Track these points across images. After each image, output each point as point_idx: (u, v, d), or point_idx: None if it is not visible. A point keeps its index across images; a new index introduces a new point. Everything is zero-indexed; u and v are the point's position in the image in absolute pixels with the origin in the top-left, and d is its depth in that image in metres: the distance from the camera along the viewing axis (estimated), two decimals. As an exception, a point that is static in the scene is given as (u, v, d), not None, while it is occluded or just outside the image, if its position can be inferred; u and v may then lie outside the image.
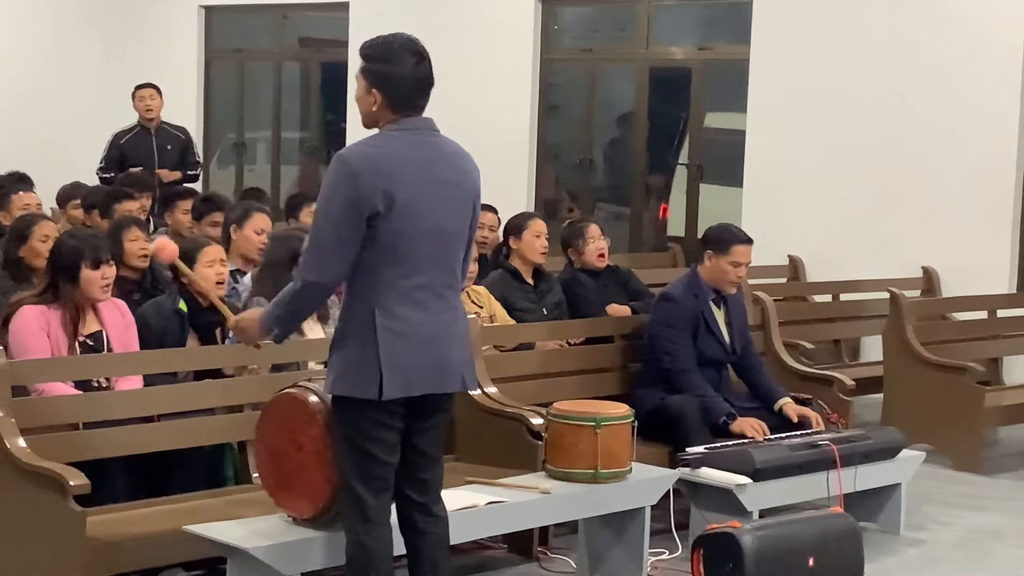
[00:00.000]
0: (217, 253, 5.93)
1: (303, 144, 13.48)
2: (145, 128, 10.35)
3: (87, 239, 5.64)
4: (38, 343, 5.31)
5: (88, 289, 5.47)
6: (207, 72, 13.40)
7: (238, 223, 6.95)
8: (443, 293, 4.17)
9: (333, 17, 12.59)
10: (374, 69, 4.17)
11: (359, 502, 4.13)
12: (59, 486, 4.54)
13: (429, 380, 4.13)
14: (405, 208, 4.03)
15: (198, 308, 5.81)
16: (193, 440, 5.34)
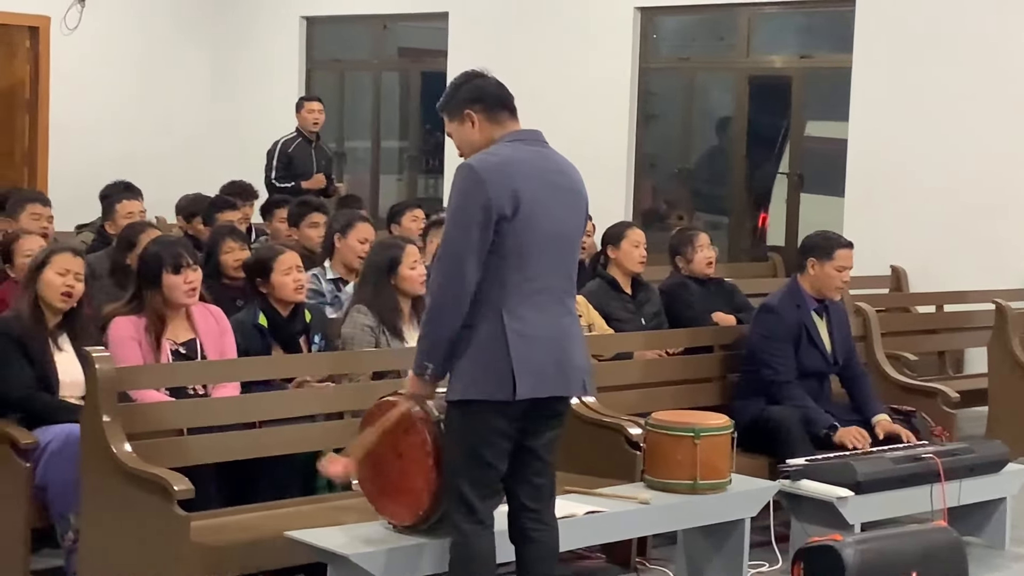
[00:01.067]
0: (293, 260, 5.89)
1: (402, 154, 13.56)
2: (307, 139, 10.62)
3: (168, 245, 5.69)
4: (130, 353, 5.37)
5: (172, 295, 5.51)
6: (308, 82, 13.53)
7: (342, 232, 7.00)
8: (562, 298, 4.24)
9: (433, 27, 12.65)
10: (456, 97, 4.29)
11: (467, 505, 4.16)
12: (164, 491, 4.60)
13: (555, 382, 4.18)
14: (528, 212, 4.10)
15: (279, 320, 5.83)
16: (295, 447, 5.38)
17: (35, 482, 5.22)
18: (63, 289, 5.48)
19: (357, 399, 5.45)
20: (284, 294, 5.79)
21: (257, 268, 5.86)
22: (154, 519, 4.65)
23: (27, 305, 5.47)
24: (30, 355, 5.39)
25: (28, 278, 5.55)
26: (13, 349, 5.37)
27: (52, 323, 5.52)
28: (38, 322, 5.47)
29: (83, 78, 12.91)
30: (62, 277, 5.49)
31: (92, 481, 4.90)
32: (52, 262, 5.51)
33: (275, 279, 5.80)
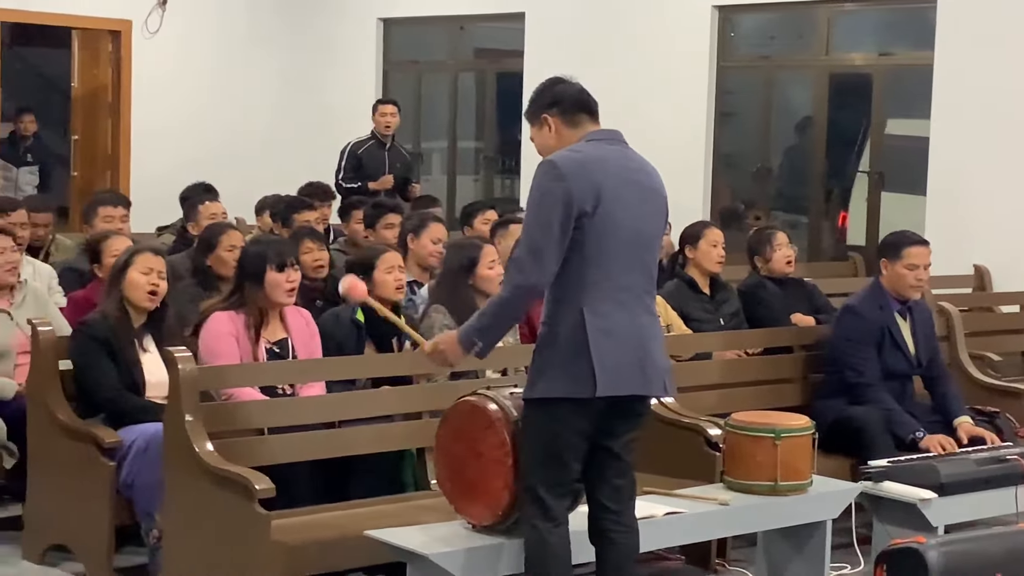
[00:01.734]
0: (395, 260, 5.96)
1: (478, 154, 13.58)
2: (381, 141, 10.71)
3: (272, 244, 5.77)
4: (228, 348, 5.44)
5: (273, 292, 5.57)
6: (384, 83, 13.58)
7: (415, 232, 7.02)
8: (642, 297, 4.24)
9: (509, 27, 12.65)
10: (535, 103, 4.36)
11: (542, 504, 4.17)
12: (245, 490, 4.65)
13: (635, 380, 4.17)
14: (609, 209, 4.11)
15: (375, 318, 5.87)
16: (374, 446, 5.41)
17: (121, 481, 5.29)
18: (148, 288, 5.55)
19: (435, 399, 5.47)
20: (384, 292, 5.84)
21: (360, 266, 5.92)
22: (235, 518, 4.69)
23: (113, 306, 5.54)
24: (116, 356, 5.46)
25: (112, 279, 5.62)
26: (100, 350, 5.44)
27: (138, 324, 5.58)
28: (124, 323, 5.54)
29: (164, 81, 13.05)
30: (146, 276, 5.56)
31: (175, 480, 4.96)
32: (135, 262, 5.58)
33: (377, 277, 5.85)
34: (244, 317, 5.53)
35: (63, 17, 12.83)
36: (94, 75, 13.36)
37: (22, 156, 11.64)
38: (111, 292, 5.59)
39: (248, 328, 5.52)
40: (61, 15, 12.74)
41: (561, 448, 4.14)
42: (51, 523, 5.60)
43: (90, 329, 5.50)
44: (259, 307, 5.56)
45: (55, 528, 5.58)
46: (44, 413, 5.52)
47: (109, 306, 5.55)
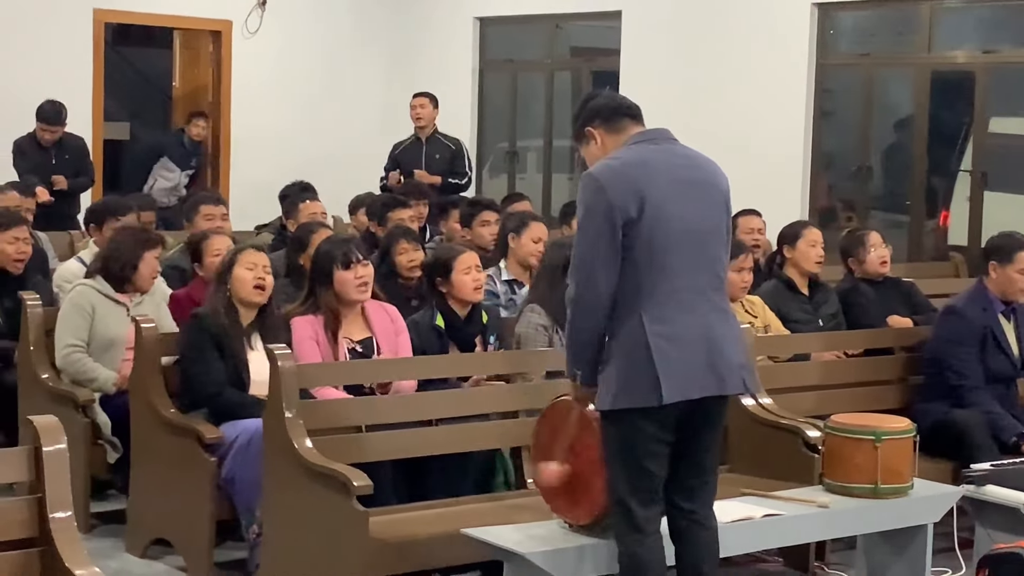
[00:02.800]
0: (472, 260, 5.91)
1: (574, 153, 13.56)
2: (417, 138, 10.65)
3: (338, 242, 5.79)
4: (309, 352, 5.47)
5: (343, 291, 5.58)
6: (480, 82, 13.62)
7: (516, 232, 7.03)
8: (707, 295, 4.15)
9: (605, 26, 12.63)
10: (577, 124, 4.35)
11: (629, 514, 4.14)
12: (343, 487, 4.69)
13: (706, 382, 4.10)
14: (656, 211, 4.05)
15: (456, 321, 5.88)
16: (469, 444, 5.43)
17: (222, 476, 5.35)
18: (255, 283, 5.62)
19: (531, 398, 5.47)
20: (463, 293, 5.83)
21: (437, 267, 5.91)
22: (334, 514, 4.73)
23: (222, 304, 5.61)
24: (224, 352, 5.53)
25: (219, 278, 5.69)
26: (209, 344, 5.52)
27: (247, 321, 5.65)
28: (233, 320, 5.61)
29: (263, 81, 13.19)
30: (251, 271, 5.63)
31: (275, 476, 5.01)
32: (240, 259, 5.65)
33: (455, 278, 5.83)
34: (322, 320, 5.56)
35: (165, 18, 13.02)
36: (195, 75, 13.54)
37: (189, 160, 11.91)
38: (218, 290, 5.66)
39: (326, 330, 5.55)
40: (163, 16, 12.93)
41: (641, 456, 4.10)
42: (153, 517, 5.68)
43: (201, 323, 5.58)
44: (332, 308, 5.57)
45: (157, 522, 5.66)
46: (147, 408, 5.61)
47: (218, 304, 5.63)
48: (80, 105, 11.40)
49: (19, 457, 3.50)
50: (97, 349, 6.12)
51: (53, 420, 3.52)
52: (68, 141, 10.21)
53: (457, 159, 10.69)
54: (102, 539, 5.90)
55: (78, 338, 6.09)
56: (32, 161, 9.95)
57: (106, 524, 6.08)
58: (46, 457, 3.45)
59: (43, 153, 10.02)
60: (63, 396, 5.98)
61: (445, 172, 10.54)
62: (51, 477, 3.45)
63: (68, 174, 10.01)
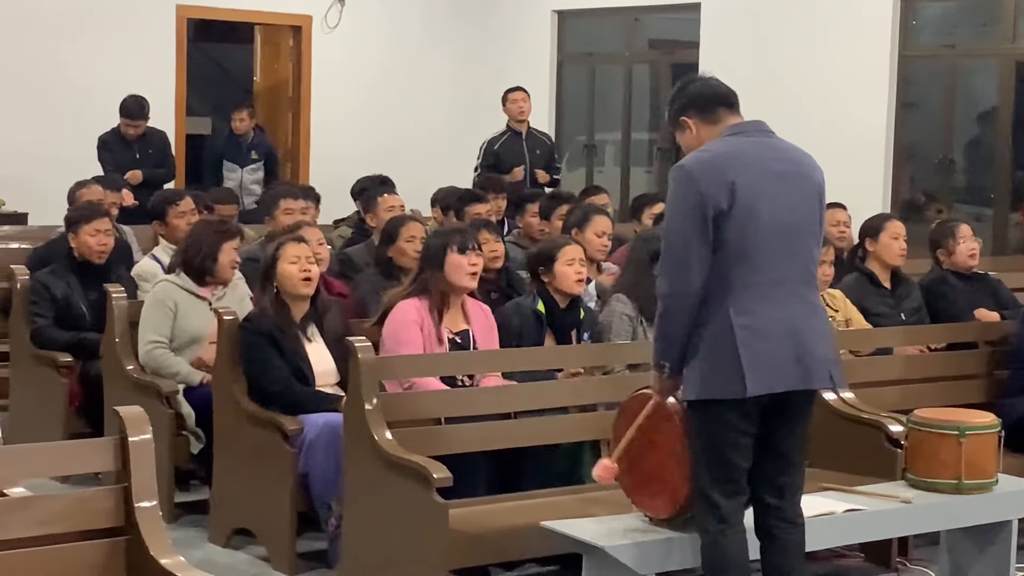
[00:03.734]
0: (576, 252, 5.96)
1: (652, 145, 13.52)
2: (515, 132, 10.65)
3: (454, 230, 5.87)
4: (413, 336, 5.50)
5: (454, 275, 5.61)
6: (559, 75, 13.61)
7: (579, 226, 7.02)
8: (797, 289, 4.13)
9: (685, 18, 12.58)
10: (671, 110, 4.32)
11: (713, 506, 4.13)
12: (423, 478, 4.71)
13: (793, 375, 4.08)
14: (747, 204, 4.03)
15: (556, 310, 5.91)
16: (549, 437, 5.44)
17: (300, 468, 5.39)
18: (301, 275, 5.65)
19: (612, 391, 5.47)
20: (565, 285, 5.86)
21: (541, 258, 5.95)
22: (414, 506, 4.75)
23: (270, 303, 5.65)
24: (282, 349, 5.57)
25: (264, 275, 5.72)
26: (265, 345, 5.55)
27: (299, 315, 5.68)
28: (285, 316, 5.64)
29: (342, 75, 13.27)
30: (295, 264, 5.65)
31: (354, 468, 5.04)
32: (282, 254, 5.67)
33: (557, 269, 5.87)
34: (428, 303, 5.59)
35: (247, 13, 13.13)
36: (275, 70, 13.65)
37: (246, 155, 11.30)
38: (265, 288, 5.70)
39: (432, 312, 5.58)
40: (245, 11, 13.04)
41: (725, 448, 4.10)
42: (236, 507, 5.74)
43: (253, 325, 5.62)
44: (441, 291, 5.60)
45: (240, 512, 5.72)
46: (229, 400, 5.66)
47: (266, 302, 5.67)
48: (163, 100, 11.52)
49: (106, 447, 3.55)
50: (181, 345, 6.19)
51: (139, 411, 3.56)
52: (151, 136, 10.32)
53: (551, 155, 10.77)
54: (186, 529, 5.97)
55: (160, 335, 6.16)
56: (116, 156, 10.06)
57: (189, 514, 6.14)
58: (132, 447, 3.49)
59: (127, 148, 10.13)
60: (147, 387, 6.05)
61: (544, 167, 10.59)
62: (137, 467, 3.49)
63: (151, 168, 10.11)
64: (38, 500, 3.51)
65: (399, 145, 13.16)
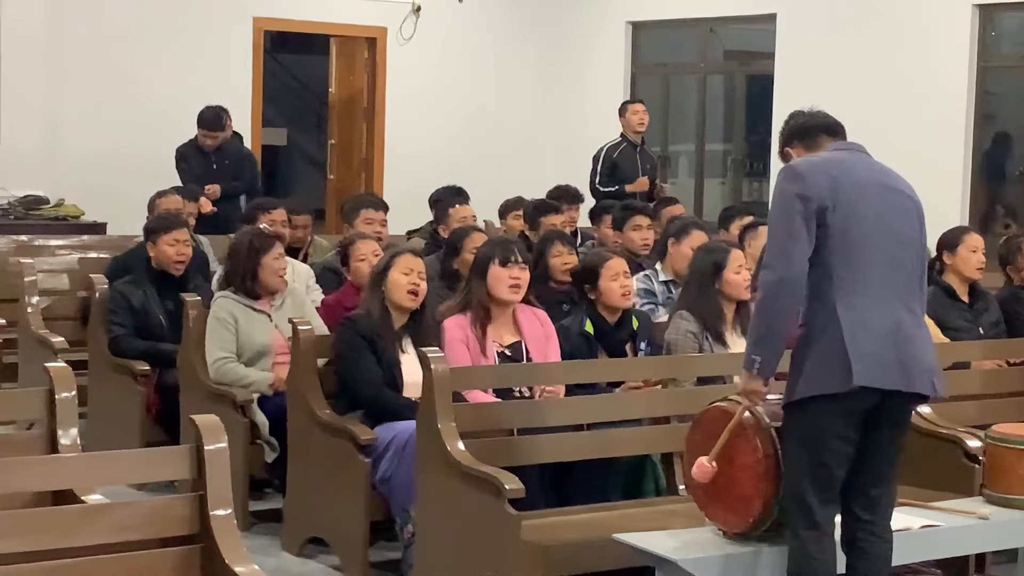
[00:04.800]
0: (619, 266, 5.89)
1: (727, 156, 13.47)
2: (632, 143, 10.68)
3: (500, 242, 5.84)
4: (459, 355, 5.49)
5: (495, 287, 5.60)
6: (632, 86, 13.59)
7: (676, 238, 7.00)
8: (904, 297, 4.19)
9: (760, 29, 12.52)
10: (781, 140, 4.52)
11: (807, 511, 4.12)
12: (496, 489, 4.70)
13: (895, 376, 4.09)
14: (851, 205, 4.13)
15: (605, 327, 5.86)
16: (619, 450, 5.42)
17: (376, 477, 5.41)
18: (409, 288, 5.67)
19: (682, 404, 5.45)
20: (612, 300, 5.82)
21: (585, 274, 5.92)
22: (486, 517, 4.75)
23: (376, 306, 5.69)
24: (379, 354, 5.60)
25: (375, 281, 5.75)
26: (363, 347, 5.58)
27: (399, 324, 5.71)
28: (386, 323, 5.67)
29: (417, 86, 13.34)
30: (407, 277, 5.68)
31: (427, 478, 5.05)
32: (396, 264, 5.71)
33: (603, 285, 5.83)
34: (471, 316, 5.59)
35: (322, 25, 13.23)
36: (350, 81, 13.75)
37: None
38: (374, 292, 5.73)
39: (473, 326, 5.58)
40: (321, 23, 13.15)
41: (822, 451, 4.09)
42: (309, 516, 5.77)
43: (356, 325, 5.65)
44: (483, 304, 5.60)
45: (313, 521, 5.75)
46: (303, 409, 5.70)
47: (373, 306, 5.70)
48: (239, 112, 11.62)
49: (182, 455, 3.58)
50: (249, 359, 6.23)
51: (214, 419, 3.59)
52: (228, 147, 10.39)
53: (659, 168, 10.84)
54: (260, 537, 6.00)
55: (226, 350, 6.21)
56: (195, 167, 10.15)
57: (264, 522, 6.18)
58: (208, 456, 3.52)
59: (205, 159, 10.22)
60: (222, 396, 6.10)
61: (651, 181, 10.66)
62: (212, 475, 3.52)
63: (228, 179, 10.18)
64: (115, 507, 3.55)
65: (474, 156, 13.20)
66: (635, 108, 10.82)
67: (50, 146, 11.47)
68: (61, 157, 11.50)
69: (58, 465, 3.69)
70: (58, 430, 3.93)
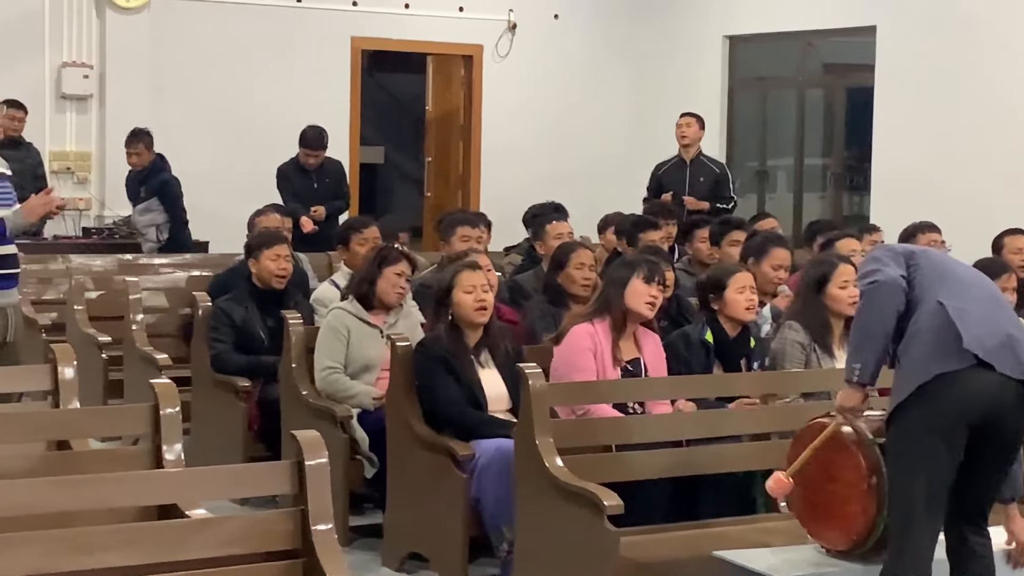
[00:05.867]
0: (746, 279, 5.90)
1: (826, 171, 13.34)
2: (682, 159, 10.59)
3: (647, 259, 5.84)
4: (586, 363, 5.50)
5: (633, 300, 5.59)
6: (730, 101, 13.51)
7: (756, 256, 6.93)
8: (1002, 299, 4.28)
9: (859, 41, 12.39)
10: None
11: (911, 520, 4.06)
12: (595, 506, 4.69)
13: (1007, 360, 4.05)
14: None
15: (725, 339, 5.84)
16: (722, 465, 5.37)
17: (472, 493, 5.42)
18: (476, 305, 5.68)
19: (786, 419, 5.39)
20: (735, 312, 5.81)
21: (711, 285, 5.91)
22: (585, 533, 4.74)
23: (444, 328, 5.70)
24: (456, 373, 5.61)
25: (439, 301, 5.76)
26: (440, 369, 5.60)
27: (473, 341, 5.72)
28: (460, 342, 5.68)
29: (513, 103, 13.37)
30: (471, 294, 5.69)
31: (526, 494, 5.05)
32: (458, 283, 5.71)
33: (728, 296, 5.82)
34: (604, 324, 5.59)
35: (420, 44, 13.34)
36: (447, 98, 13.82)
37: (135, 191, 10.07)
38: (440, 313, 5.75)
39: (608, 333, 5.57)
40: (418, 42, 13.25)
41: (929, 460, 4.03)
42: (409, 532, 5.79)
43: (428, 349, 5.68)
44: (621, 314, 5.59)
45: (413, 537, 5.77)
46: (402, 425, 5.72)
47: (441, 327, 5.72)
48: (338, 130, 11.75)
49: (283, 471, 3.61)
50: (355, 372, 6.27)
51: (315, 435, 3.62)
52: (328, 166, 10.50)
53: (721, 183, 10.53)
54: (360, 552, 6.03)
55: (335, 361, 6.26)
56: (294, 185, 10.26)
57: (364, 537, 6.20)
58: (308, 471, 3.54)
59: (305, 178, 10.32)
60: (323, 412, 6.15)
61: (708, 196, 10.41)
62: (313, 490, 3.54)
63: (328, 198, 10.28)
64: (218, 521, 3.58)
65: (570, 172, 13.20)
66: (678, 122, 10.67)
67: (154, 167, 11.66)
68: (164, 178, 11.68)
69: (163, 480, 3.75)
70: (163, 445, 3.98)
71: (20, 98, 10.54)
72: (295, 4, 12.45)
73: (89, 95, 11.66)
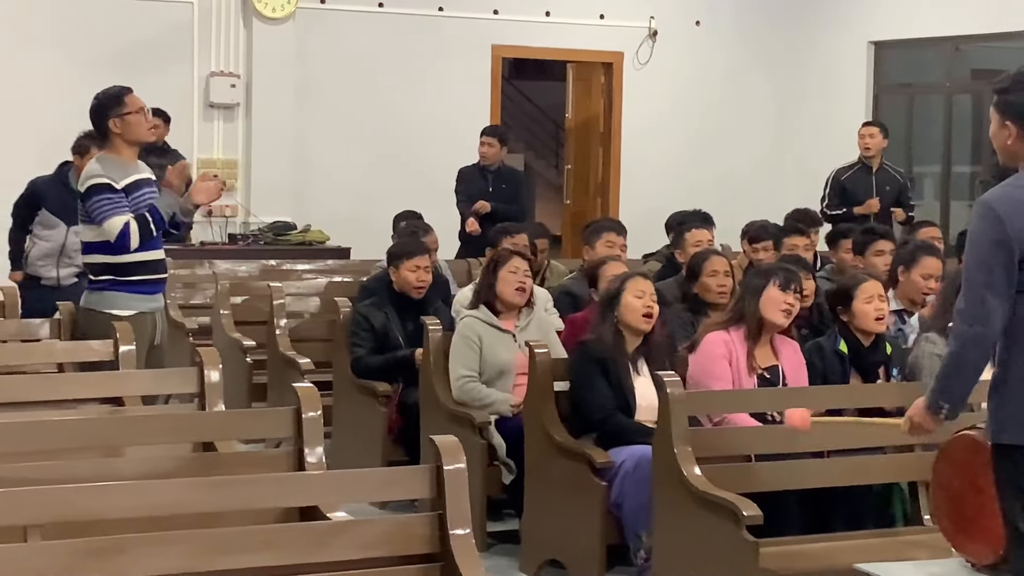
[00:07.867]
0: (875, 289, 5.78)
1: (974, 179, 13.07)
2: (866, 166, 10.51)
3: (784, 267, 5.82)
4: (721, 370, 5.48)
5: (767, 308, 5.55)
6: (875, 107, 13.32)
7: (906, 266, 6.79)
8: None
9: (1009, 47, 12.13)
10: (1008, 100, 3.98)
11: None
12: (733, 516, 4.65)
13: None
14: None
15: (860, 349, 5.75)
16: (863, 477, 5.30)
17: (611, 500, 5.41)
18: (644, 311, 5.68)
19: (929, 432, 5.28)
20: (865, 323, 5.72)
21: (839, 296, 5.83)
22: (724, 543, 4.70)
23: (609, 330, 5.70)
24: (612, 378, 5.62)
25: (606, 304, 5.78)
26: (596, 371, 5.61)
27: (632, 347, 5.72)
28: (619, 346, 5.69)
29: (653, 110, 13.33)
30: (640, 299, 5.70)
31: (663, 502, 5.03)
32: (628, 287, 5.72)
33: (856, 307, 5.73)
34: (740, 333, 5.56)
35: (559, 51, 13.36)
36: (587, 106, 13.83)
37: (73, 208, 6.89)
38: (605, 316, 5.75)
39: (743, 341, 5.53)
40: (558, 50, 13.28)
41: None
42: (546, 538, 5.80)
43: (589, 350, 5.69)
44: (756, 321, 5.55)
45: (550, 543, 5.77)
46: (540, 431, 5.73)
47: (605, 330, 5.72)
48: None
49: (422, 475, 3.64)
50: (490, 378, 6.32)
51: (453, 440, 3.64)
52: (507, 171, 10.54)
53: (904, 191, 10.54)
54: (498, 558, 6.05)
55: (470, 368, 6.31)
56: (469, 187, 10.30)
57: (501, 543, 6.23)
58: (447, 476, 3.57)
59: (482, 180, 10.35)
60: (461, 417, 6.19)
61: (894, 203, 10.41)
62: (451, 495, 3.56)
63: (503, 200, 10.23)
64: (358, 524, 3.63)
65: (711, 179, 13.12)
66: (861, 131, 10.66)
67: (298, 174, 11.88)
68: (308, 184, 11.90)
69: (305, 482, 3.80)
70: (305, 448, 4.04)
71: (169, 107, 10.74)
72: (437, 13, 12.56)
73: (236, 104, 11.90)
